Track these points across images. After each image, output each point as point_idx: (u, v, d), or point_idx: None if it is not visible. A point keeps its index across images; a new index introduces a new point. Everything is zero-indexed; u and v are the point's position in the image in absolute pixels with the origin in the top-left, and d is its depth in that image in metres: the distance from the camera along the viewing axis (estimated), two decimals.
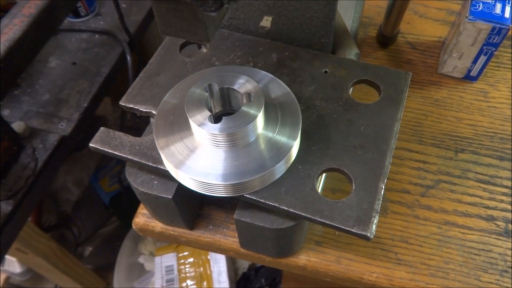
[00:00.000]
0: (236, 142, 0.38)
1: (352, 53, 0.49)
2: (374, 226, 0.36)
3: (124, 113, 1.23)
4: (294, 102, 0.42)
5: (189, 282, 1.20)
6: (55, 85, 0.86)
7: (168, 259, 1.24)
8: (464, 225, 0.49)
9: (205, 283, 1.19)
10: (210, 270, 1.20)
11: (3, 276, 1.27)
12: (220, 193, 0.38)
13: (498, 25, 0.54)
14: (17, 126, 0.74)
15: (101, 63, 0.90)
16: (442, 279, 0.46)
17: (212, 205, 0.50)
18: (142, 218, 0.50)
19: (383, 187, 0.39)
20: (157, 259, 1.25)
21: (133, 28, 0.95)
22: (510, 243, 0.48)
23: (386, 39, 0.66)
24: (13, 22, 0.62)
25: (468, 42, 0.57)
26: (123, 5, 1.00)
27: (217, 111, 0.43)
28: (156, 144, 0.40)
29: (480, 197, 0.51)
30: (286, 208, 0.38)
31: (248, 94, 0.39)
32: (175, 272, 1.21)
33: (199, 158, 0.38)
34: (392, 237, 0.49)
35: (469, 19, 0.55)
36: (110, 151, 0.42)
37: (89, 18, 0.97)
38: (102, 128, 0.43)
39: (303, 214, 0.37)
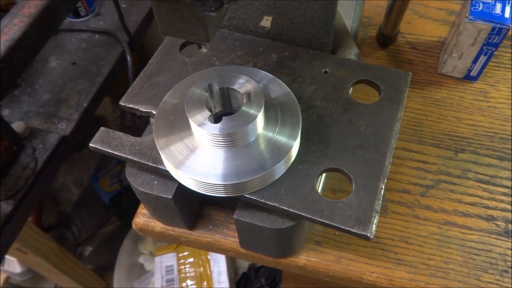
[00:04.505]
0: (236, 142, 0.38)
1: (352, 53, 0.49)
2: (374, 226, 0.36)
3: (124, 113, 1.23)
4: (294, 102, 0.42)
5: (189, 282, 1.20)
6: (55, 85, 0.86)
7: (168, 259, 1.24)
8: (464, 225, 0.49)
9: (205, 283, 1.19)
10: (210, 270, 1.20)
11: (3, 276, 1.27)
12: (220, 193, 0.38)
13: (498, 25, 0.54)
14: (17, 126, 0.74)
15: (101, 63, 0.90)
16: (442, 279, 0.46)
17: (212, 205, 0.50)
18: (142, 218, 0.50)
19: (383, 187, 0.39)
20: (157, 259, 1.25)
21: (133, 28, 0.96)
22: (510, 243, 0.48)
23: (386, 39, 0.66)
24: (13, 22, 0.62)
25: (468, 42, 0.57)
26: (123, 5, 1.00)
27: (217, 111, 0.43)
28: (156, 144, 0.40)
29: (480, 197, 0.51)
30: (286, 208, 0.38)
31: (248, 94, 0.39)
32: (175, 272, 1.21)
33: (199, 158, 0.38)
34: (392, 237, 0.49)
35: (469, 19, 0.55)
36: (110, 151, 0.42)
37: (89, 18, 0.97)
38: (102, 128, 0.43)
39: (303, 214, 0.37)
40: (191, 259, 1.23)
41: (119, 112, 1.42)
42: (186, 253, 1.24)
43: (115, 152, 0.42)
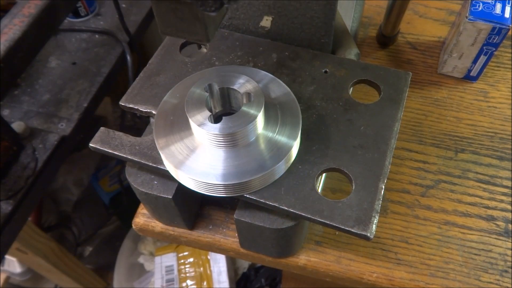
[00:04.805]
0: (236, 142, 0.38)
1: (352, 53, 0.49)
2: (374, 226, 0.36)
3: (124, 113, 1.23)
4: (294, 102, 0.42)
5: (189, 282, 1.20)
6: (55, 85, 0.86)
7: (168, 259, 1.24)
8: (464, 225, 0.49)
9: (205, 283, 1.19)
10: (210, 270, 1.20)
11: (3, 276, 1.27)
12: (220, 193, 0.38)
13: (498, 25, 0.54)
14: (17, 126, 0.74)
15: (101, 63, 0.90)
16: (442, 279, 0.46)
17: (212, 205, 0.50)
18: (142, 218, 0.50)
19: (383, 187, 0.39)
20: (157, 259, 1.25)
21: (133, 28, 0.96)
22: (510, 243, 0.48)
23: (386, 39, 0.66)
24: (13, 22, 0.62)
25: (468, 42, 0.57)
26: (123, 5, 1.00)
27: (217, 111, 0.43)
28: (156, 144, 0.40)
29: (480, 197, 0.51)
30: (286, 208, 0.38)
31: (248, 94, 0.39)
32: (175, 272, 1.21)
33: (199, 158, 0.38)
34: (392, 237, 0.49)
35: (469, 19, 0.55)
36: (110, 151, 0.42)
37: (89, 18, 0.97)
38: (102, 128, 0.43)
39: (303, 214, 0.37)
40: (191, 259, 1.23)
41: (119, 112, 1.42)
42: (186, 253, 1.24)
43: (115, 152, 0.42)
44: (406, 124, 0.57)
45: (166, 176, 0.41)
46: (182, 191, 0.42)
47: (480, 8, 0.55)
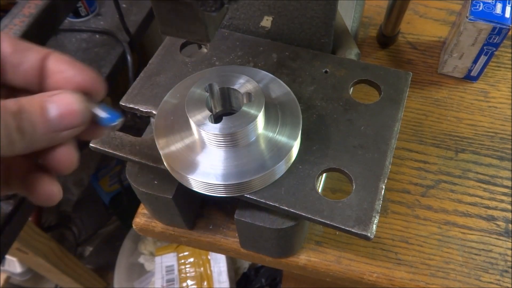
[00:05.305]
0: (236, 142, 0.38)
1: (352, 53, 0.49)
2: (374, 226, 0.36)
3: (124, 113, 1.22)
4: (295, 102, 0.42)
5: (189, 282, 1.20)
6: None
7: (168, 259, 1.24)
8: (465, 225, 0.49)
9: (205, 283, 1.19)
10: (210, 270, 1.20)
11: (3, 276, 1.27)
12: (220, 193, 0.38)
13: (498, 25, 0.54)
14: None
15: (101, 63, 0.89)
16: (442, 279, 0.46)
17: (213, 205, 0.50)
18: (142, 218, 0.50)
19: (383, 187, 0.38)
20: (157, 259, 1.25)
21: (133, 28, 0.95)
22: (510, 243, 0.48)
23: (386, 39, 0.66)
24: (13, 22, 0.62)
25: (469, 42, 0.57)
26: (123, 5, 1.00)
27: (217, 111, 0.43)
28: (157, 144, 0.40)
29: (481, 197, 0.51)
30: (286, 208, 0.38)
31: (249, 94, 0.39)
32: (176, 272, 1.21)
33: (199, 158, 0.38)
34: (392, 237, 0.49)
35: (470, 19, 0.55)
36: (110, 151, 0.42)
37: (89, 18, 0.97)
38: None
39: (303, 214, 0.37)
40: (192, 259, 1.23)
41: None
42: (186, 253, 1.24)
43: (115, 152, 0.41)
44: (406, 124, 0.57)
45: (166, 176, 0.41)
46: (182, 191, 0.42)
47: (480, 8, 0.55)
